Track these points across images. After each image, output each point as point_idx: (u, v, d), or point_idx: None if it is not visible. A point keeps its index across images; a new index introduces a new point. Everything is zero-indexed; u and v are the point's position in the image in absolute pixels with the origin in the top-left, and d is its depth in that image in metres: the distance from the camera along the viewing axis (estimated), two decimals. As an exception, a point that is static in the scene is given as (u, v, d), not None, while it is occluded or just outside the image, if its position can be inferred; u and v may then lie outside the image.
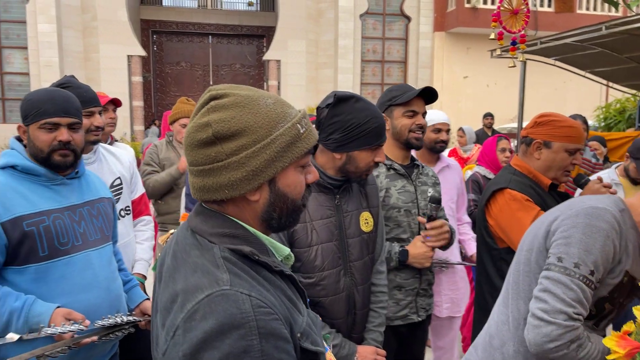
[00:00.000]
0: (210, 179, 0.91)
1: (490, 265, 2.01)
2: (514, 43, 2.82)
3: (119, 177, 2.36)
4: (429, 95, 2.11)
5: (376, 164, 1.73)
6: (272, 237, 1.02)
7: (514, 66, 2.97)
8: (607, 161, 4.98)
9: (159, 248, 3.38)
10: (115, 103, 2.79)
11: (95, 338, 1.65)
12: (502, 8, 2.69)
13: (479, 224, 2.08)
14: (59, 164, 1.73)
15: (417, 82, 16.30)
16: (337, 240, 1.69)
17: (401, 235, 2.10)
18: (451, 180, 2.72)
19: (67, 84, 2.13)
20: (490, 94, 15.96)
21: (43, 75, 13.87)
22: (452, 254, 2.67)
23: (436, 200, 2.04)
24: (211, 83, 19.32)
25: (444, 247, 2.14)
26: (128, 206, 2.42)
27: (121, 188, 2.36)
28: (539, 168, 1.98)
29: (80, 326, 1.59)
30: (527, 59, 4.95)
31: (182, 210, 2.64)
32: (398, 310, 2.08)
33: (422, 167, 2.26)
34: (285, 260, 1.03)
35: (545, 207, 1.84)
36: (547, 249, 1.34)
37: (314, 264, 1.64)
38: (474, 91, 16.11)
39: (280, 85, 15.82)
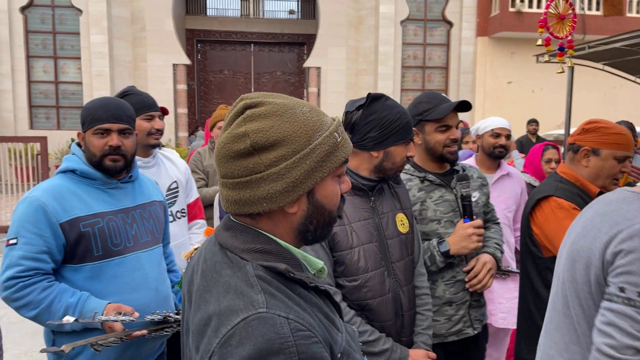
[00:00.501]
0: (248, 191, 0.86)
1: (535, 274, 1.97)
2: (561, 49, 2.76)
3: (175, 181, 2.46)
4: (462, 104, 2.01)
5: (408, 159, 1.76)
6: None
7: (563, 72, 2.90)
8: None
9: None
10: (163, 111, 2.90)
11: (145, 332, 1.71)
12: (548, 13, 2.64)
13: (523, 232, 2.04)
14: (110, 168, 1.82)
15: (459, 88, 16.06)
16: (378, 242, 1.70)
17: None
18: (510, 189, 2.64)
19: (129, 91, 2.27)
20: (536, 100, 15.53)
21: (95, 84, 14.49)
22: (509, 264, 2.60)
23: (463, 178, 1.98)
24: (252, 90, 19.65)
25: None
26: (184, 209, 2.51)
27: (177, 191, 2.46)
28: (587, 176, 1.93)
29: (130, 317, 1.67)
30: (574, 64, 4.81)
31: (217, 220, 2.72)
32: (451, 326, 2.01)
33: (464, 169, 2.16)
34: (318, 274, 0.98)
35: (593, 217, 1.79)
36: (605, 276, 1.19)
37: (358, 265, 1.64)
38: (519, 97, 15.71)
39: (320, 92, 15.92)
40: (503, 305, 2.54)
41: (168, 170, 2.46)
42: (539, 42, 2.94)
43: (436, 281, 2.01)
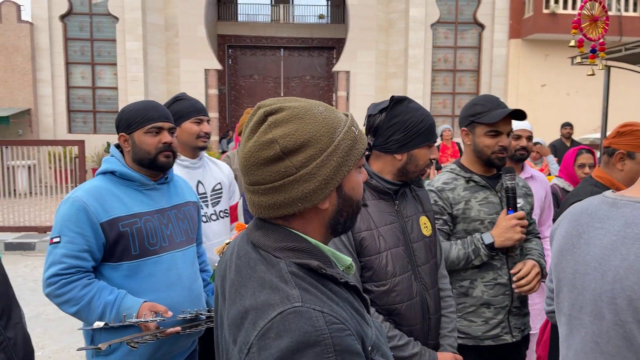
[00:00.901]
0: (282, 195, 0.89)
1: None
2: (593, 51, 2.71)
3: (219, 183, 2.55)
4: (517, 112, 1.98)
5: (431, 161, 1.76)
6: (340, 249, 1.00)
7: (593, 74, 2.85)
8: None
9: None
10: None
11: (178, 329, 1.77)
12: (582, 14, 2.60)
13: None
14: (164, 164, 1.91)
15: (490, 91, 15.80)
16: (404, 245, 1.70)
17: None
18: (534, 192, 2.61)
19: (181, 97, 2.41)
20: (571, 103, 15.15)
21: (129, 89, 14.90)
22: None
23: (509, 170, 1.98)
24: (282, 95, 19.85)
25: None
26: (226, 209, 2.59)
27: (221, 192, 2.55)
28: (622, 180, 1.89)
29: (162, 317, 1.72)
30: (611, 66, 4.68)
31: (241, 220, 2.78)
32: (488, 330, 1.98)
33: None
34: (346, 270, 1.02)
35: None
36: None
37: (386, 270, 1.64)
38: (553, 100, 15.37)
39: (349, 95, 15.94)
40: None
41: (213, 172, 2.56)
42: (572, 43, 2.89)
43: (475, 280, 1.99)
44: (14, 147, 8.58)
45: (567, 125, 7.89)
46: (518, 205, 2.03)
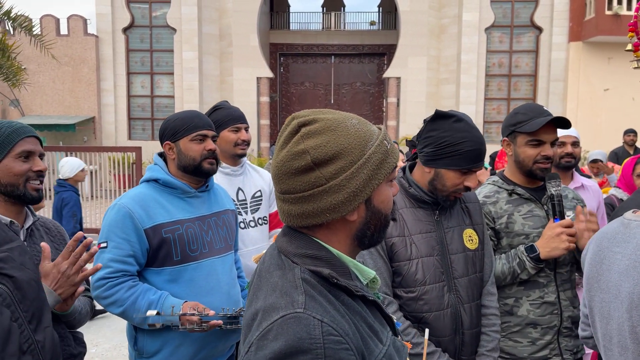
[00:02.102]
0: (311, 204, 0.91)
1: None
2: None
3: (259, 190, 2.59)
4: (560, 121, 1.88)
5: (467, 189, 1.67)
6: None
7: None
8: None
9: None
10: None
11: (220, 322, 1.80)
12: (638, 16, 2.45)
13: None
14: (208, 170, 1.97)
15: (548, 97, 15.20)
16: (439, 256, 1.67)
17: None
18: (585, 203, 2.49)
19: (220, 106, 2.46)
20: (637, 108, 14.31)
21: (185, 98, 15.47)
22: None
23: (553, 177, 1.89)
24: (332, 102, 19.94)
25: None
26: (265, 217, 2.63)
27: (261, 199, 2.58)
28: (681, 193, 1.76)
29: (205, 312, 1.77)
30: (677, 70, 4.38)
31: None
32: (535, 351, 1.88)
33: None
34: (370, 284, 1.00)
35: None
36: None
37: (415, 277, 1.64)
38: (616, 105, 14.57)
39: (399, 102, 15.80)
40: None
41: (254, 179, 2.59)
42: (628, 47, 2.73)
43: (520, 299, 1.91)
44: (78, 154, 9.10)
45: (631, 132, 7.45)
46: (568, 217, 1.92)
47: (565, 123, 1.87)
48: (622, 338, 0.99)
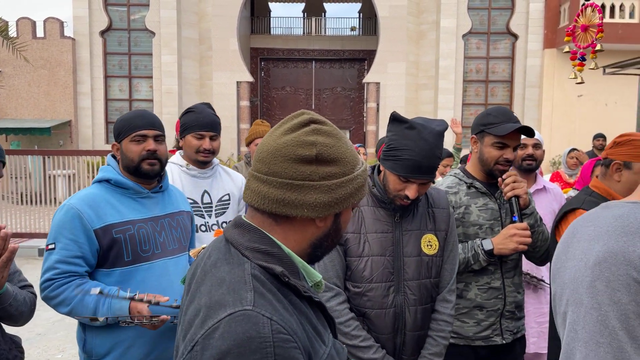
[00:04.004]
0: (295, 194, 0.90)
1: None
2: (582, 58, 2.63)
3: (228, 194, 2.55)
4: (526, 129, 1.99)
5: (407, 197, 1.65)
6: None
7: (581, 82, 2.75)
8: None
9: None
10: None
11: (168, 317, 1.76)
12: (576, 23, 2.53)
13: (551, 245, 1.96)
14: (148, 172, 1.92)
15: (524, 102, 15.47)
16: (392, 257, 1.70)
17: None
18: (545, 204, 2.53)
19: (192, 109, 2.40)
20: (609, 114, 14.65)
21: (164, 101, 15.36)
22: (544, 274, 2.49)
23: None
24: (313, 106, 20.00)
25: (536, 254, 2.08)
26: (230, 221, 2.60)
27: (228, 203, 2.54)
28: (619, 191, 1.82)
29: (155, 299, 1.73)
30: (636, 75, 4.49)
31: None
32: (479, 331, 2.03)
33: None
34: (315, 287, 1.00)
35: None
36: None
37: (362, 274, 1.69)
38: (590, 111, 14.90)
39: (379, 107, 15.92)
40: (534, 329, 2.46)
41: (224, 182, 2.56)
42: (566, 49, 2.82)
43: (470, 284, 2.04)
44: (54, 157, 8.94)
45: (600, 137, 7.63)
46: (529, 213, 2.02)
47: (530, 132, 2.00)
48: (578, 295, 1.00)
